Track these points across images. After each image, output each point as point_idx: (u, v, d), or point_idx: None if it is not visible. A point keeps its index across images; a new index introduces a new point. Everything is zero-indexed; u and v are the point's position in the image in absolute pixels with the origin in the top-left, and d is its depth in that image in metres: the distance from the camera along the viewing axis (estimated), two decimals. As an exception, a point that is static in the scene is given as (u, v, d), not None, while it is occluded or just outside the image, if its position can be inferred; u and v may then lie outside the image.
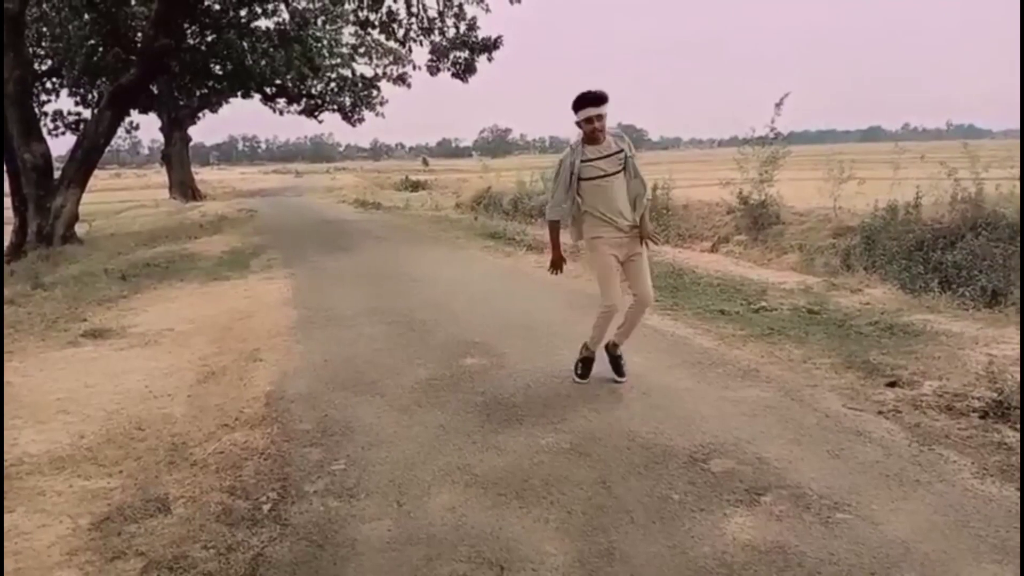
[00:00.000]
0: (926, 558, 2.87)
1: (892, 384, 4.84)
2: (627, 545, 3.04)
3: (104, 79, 21.07)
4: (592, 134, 4.64)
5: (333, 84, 27.87)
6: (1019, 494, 3.37)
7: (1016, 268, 7.56)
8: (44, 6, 17.72)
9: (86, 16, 18.12)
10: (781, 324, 6.49)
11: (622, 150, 4.73)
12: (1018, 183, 8.94)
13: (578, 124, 4.70)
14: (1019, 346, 5.50)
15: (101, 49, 19.64)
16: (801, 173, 13.01)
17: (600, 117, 4.59)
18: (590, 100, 4.58)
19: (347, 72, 27.55)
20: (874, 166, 12.78)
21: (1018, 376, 4.78)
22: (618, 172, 4.73)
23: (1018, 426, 4.06)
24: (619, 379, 5.01)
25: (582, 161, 4.73)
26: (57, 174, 16.35)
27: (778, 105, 12.16)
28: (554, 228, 5.07)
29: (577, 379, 5.09)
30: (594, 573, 2.87)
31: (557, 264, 5.16)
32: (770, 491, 3.45)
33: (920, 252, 8.52)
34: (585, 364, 5.11)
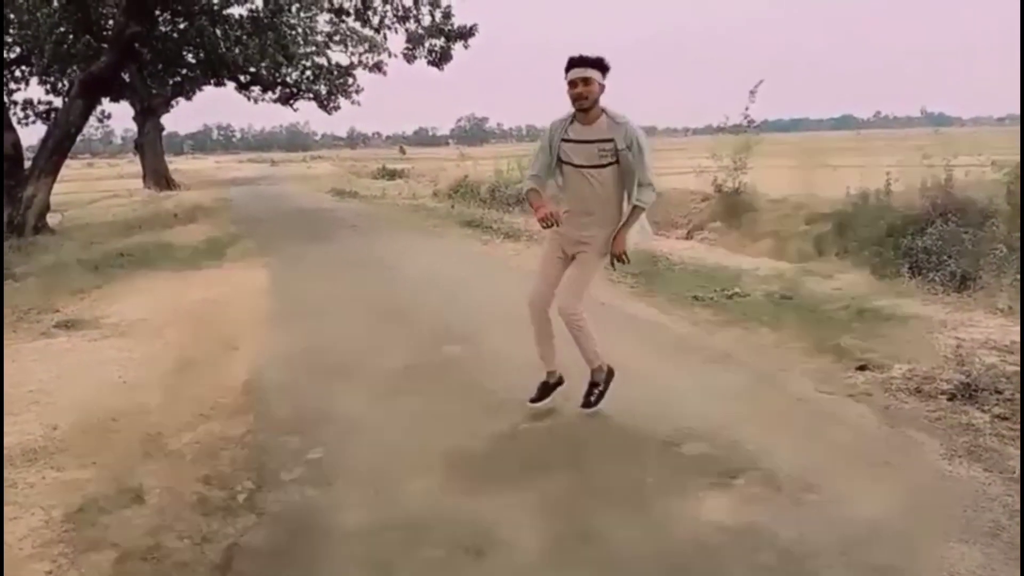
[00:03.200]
0: (896, 538, 2.93)
1: (863, 367, 4.91)
2: (603, 528, 3.07)
3: (75, 67, 20.70)
4: (575, 102, 3.98)
5: (308, 72, 27.54)
6: (986, 474, 3.44)
7: (985, 253, 7.67)
8: (11, -8, 17.36)
9: (55, 3, 17.79)
10: (755, 310, 6.56)
11: (611, 140, 3.98)
12: (985, 170, 9.08)
13: (568, 91, 4.03)
14: (987, 330, 5.60)
15: (71, 36, 19.28)
16: (775, 160, 13.09)
17: (586, 82, 3.91)
18: (575, 61, 3.98)
19: (322, 60, 27.24)
20: (846, 153, 12.89)
21: (986, 359, 4.88)
22: (599, 167, 4.03)
23: (985, 408, 4.15)
24: (584, 410, 4.27)
25: (562, 140, 4.11)
26: (28, 164, 16.08)
27: (752, 93, 12.23)
28: (531, 195, 4.26)
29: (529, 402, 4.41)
30: (570, 556, 2.90)
31: (546, 217, 4.00)
32: (743, 473, 3.50)
33: (891, 238, 8.61)
34: (541, 387, 4.44)
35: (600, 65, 3.98)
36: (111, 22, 18.08)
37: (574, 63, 3.98)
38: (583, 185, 4.12)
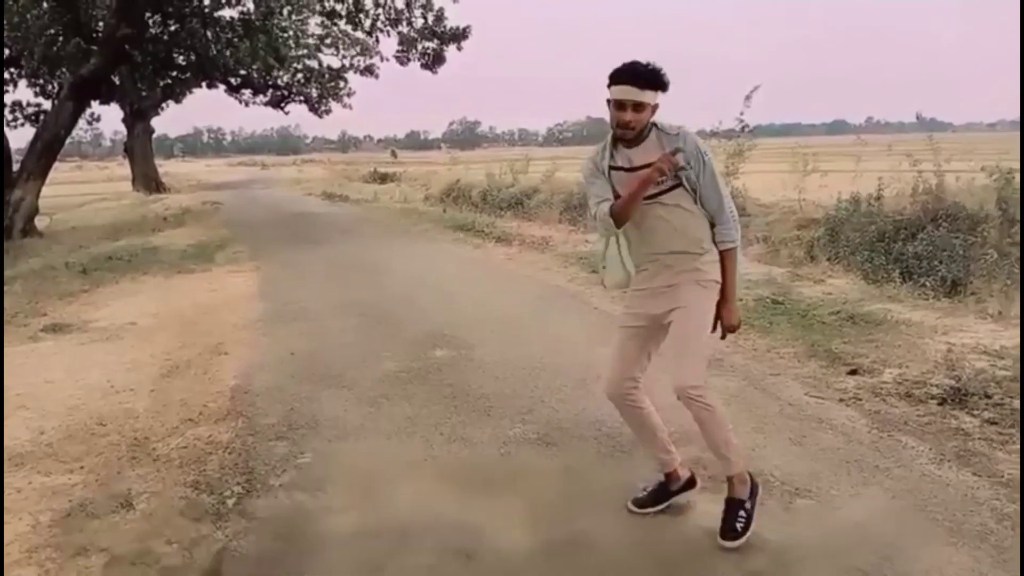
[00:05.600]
0: (885, 542, 2.93)
1: (853, 372, 4.93)
2: (593, 533, 3.06)
3: (64, 69, 20.62)
4: (618, 128, 2.96)
5: (299, 75, 27.51)
6: (975, 478, 3.45)
7: (976, 259, 7.72)
8: (0, -6, 17.28)
9: (45, 4, 17.73)
10: (746, 314, 6.53)
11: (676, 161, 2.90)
12: (976, 175, 9.13)
13: (609, 107, 2.98)
14: (978, 335, 5.63)
15: (61, 38, 19.22)
16: (766, 165, 13.14)
17: (637, 108, 2.88)
18: (625, 75, 2.89)
19: (313, 63, 27.21)
20: (838, 159, 12.95)
21: (976, 364, 4.90)
22: (660, 193, 2.97)
23: (975, 412, 4.16)
24: (725, 543, 2.96)
25: (611, 168, 3.07)
26: (16, 167, 15.99)
27: (747, 98, 12.25)
28: (611, 209, 3.02)
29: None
30: (560, 561, 2.89)
31: (661, 163, 2.90)
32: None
33: (882, 243, 8.65)
34: (656, 490, 3.33)
35: (660, 84, 2.90)
36: (101, 24, 18.03)
37: (623, 77, 2.90)
38: (648, 219, 3.03)
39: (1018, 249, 7.72)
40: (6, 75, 22.50)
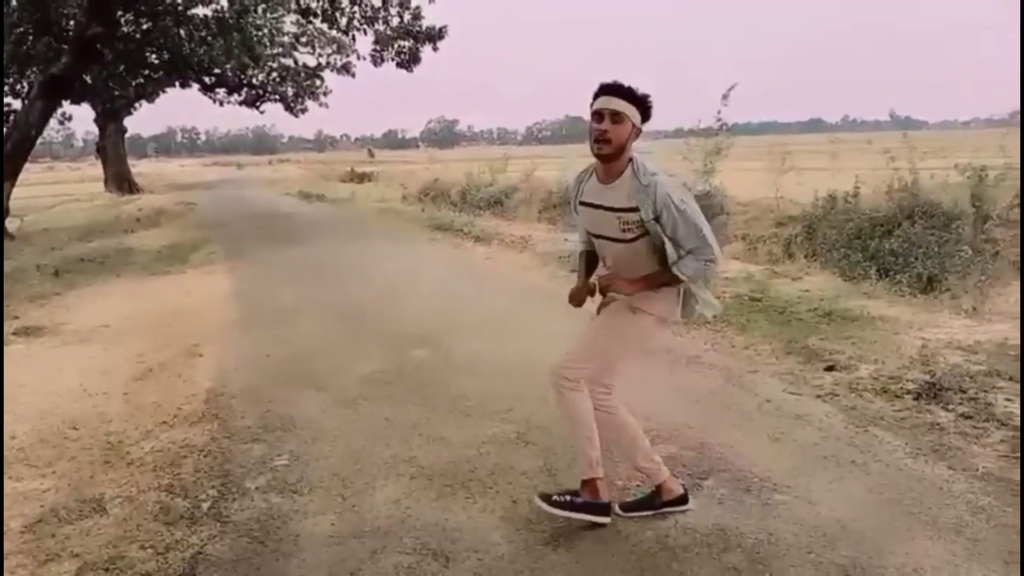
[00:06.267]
0: (862, 535, 2.95)
1: (830, 368, 4.96)
2: (572, 532, 3.05)
3: (35, 68, 20.32)
4: (595, 142, 2.91)
5: (275, 74, 27.27)
6: (950, 472, 3.48)
7: (950, 255, 7.81)
8: (-32, -9, 17.00)
9: (14, 2, 17.45)
10: (724, 312, 6.58)
11: (636, 210, 2.88)
12: (950, 172, 9.24)
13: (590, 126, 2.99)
14: (952, 331, 5.69)
15: (31, 37, 18.93)
16: (744, 164, 13.22)
17: (615, 117, 2.87)
18: (607, 87, 2.92)
19: (289, 61, 26.99)
20: (815, 156, 13.06)
21: (950, 359, 4.95)
22: (623, 243, 2.98)
23: (950, 407, 4.21)
24: (538, 499, 3.16)
25: (580, 202, 3.12)
26: (-15, 167, 15.73)
27: (725, 96, 12.32)
28: (580, 260, 3.39)
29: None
30: (539, 561, 2.87)
31: (573, 296, 3.29)
32: (712, 475, 3.51)
33: (859, 240, 8.74)
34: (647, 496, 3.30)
35: (639, 101, 2.92)
36: (72, 22, 17.77)
37: (605, 89, 2.93)
38: (613, 253, 3.09)
39: (991, 246, 7.83)
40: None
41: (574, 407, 3.10)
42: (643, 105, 2.92)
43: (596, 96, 2.94)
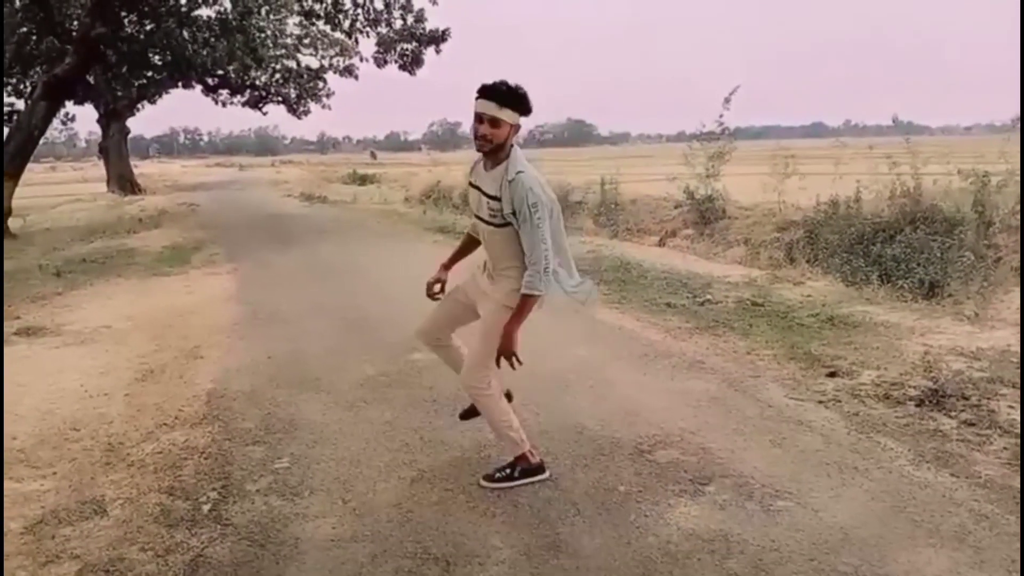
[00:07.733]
0: (864, 543, 2.94)
1: (832, 374, 4.95)
2: (573, 537, 3.04)
3: (38, 69, 20.38)
4: (475, 140, 3.14)
5: (278, 75, 27.34)
6: (953, 479, 3.47)
7: (952, 261, 7.79)
8: (-28, -8, 17.04)
9: (18, 3, 17.50)
10: (726, 316, 6.59)
11: (499, 199, 3.14)
12: (952, 178, 9.24)
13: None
14: (955, 337, 5.68)
15: (34, 37, 19.00)
16: (746, 168, 13.22)
17: (493, 123, 3.08)
18: (487, 90, 3.10)
19: (292, 63, 27.06)
20: (817, 161, 13.05)
21: (953, 365, 4.94)
22: (492, 226, 3.25)
23: (952, 414, 4.19)
24: (482, 481, 3.56)
25: (469, 183, 3.43)
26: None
27: (727, 100, 12.34)
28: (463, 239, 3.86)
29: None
30: (541, 566, 2.86)
31: (429, 286, 3.90)
32: (714, 481, 3.50)
33: (861, 245, 8.73)
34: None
35: (518, 104, 3.10)
36: (75, 23, 17.81)
37: (485, 92, 3.09)
38: (485, 236, 3.38)
39: (993, 252, 7.82)
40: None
41: (492, 404, 3.48)
42: (523, 107, 3.12)
43: (479, 96, 3.11)
